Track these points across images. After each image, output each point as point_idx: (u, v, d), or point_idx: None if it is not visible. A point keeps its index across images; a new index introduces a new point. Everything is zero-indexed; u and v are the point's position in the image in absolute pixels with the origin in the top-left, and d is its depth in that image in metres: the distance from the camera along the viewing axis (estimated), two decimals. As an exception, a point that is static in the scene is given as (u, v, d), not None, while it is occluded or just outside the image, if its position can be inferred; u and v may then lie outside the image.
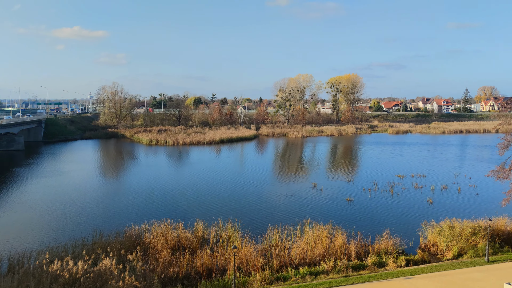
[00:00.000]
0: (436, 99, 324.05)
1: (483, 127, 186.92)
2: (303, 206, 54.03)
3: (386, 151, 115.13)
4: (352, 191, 62.17)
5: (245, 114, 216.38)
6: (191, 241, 37.27)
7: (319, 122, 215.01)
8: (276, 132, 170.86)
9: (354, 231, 40.96)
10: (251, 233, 39.89)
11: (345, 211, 51.50)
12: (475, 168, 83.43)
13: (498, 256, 35.14)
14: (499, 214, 42.52)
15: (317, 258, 34.45)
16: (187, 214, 50.03)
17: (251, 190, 63.78)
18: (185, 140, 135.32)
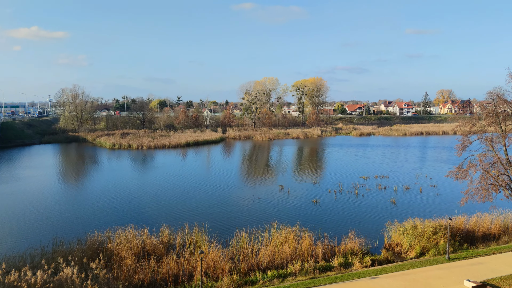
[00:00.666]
0: (397, 102, 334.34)
1: (441, 129, 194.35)
2: (270, 209, 54.09)
3: (351, 153, 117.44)
4: (319, 193, 62.89)
5: (211, 117, 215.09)
6: (157, 247, 36.43)
7: (285, 124, 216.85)
8: (243, 135, 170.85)
9: (320, 233, 41.31)
10: (218, 237, 39.47)
11: (312, 213, 51.96)
12: (435, 169, 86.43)
13: (458, 253, 36.39)
14: (458, 213, 44.17)
15: (285, 261, 34.50)
16: (152, 219, 48.94)
17: (218, 194, 63.27)
18: (149, 143, 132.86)
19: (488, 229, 41.29)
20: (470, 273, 31.42)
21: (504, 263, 33.38)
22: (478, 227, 41.20)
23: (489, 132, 32.82)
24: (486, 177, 29.89)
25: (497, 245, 38.64)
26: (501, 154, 30.52)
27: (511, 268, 32.13)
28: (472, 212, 43.60)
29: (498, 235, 40.80)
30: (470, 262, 33.92)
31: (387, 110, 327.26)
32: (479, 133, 32.51)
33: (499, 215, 42.97)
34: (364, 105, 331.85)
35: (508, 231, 41.66)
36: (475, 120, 33.16)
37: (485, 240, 39.97)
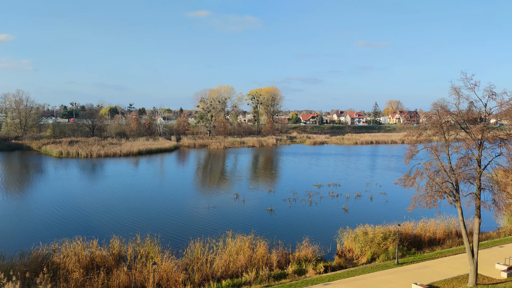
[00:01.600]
0: (349, 112, 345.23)
1: (390, 138, 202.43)
2: (225, 217, 53.68)
3: (305, 161, 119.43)
4: (273, 201, 63.26)
5: (165, 124, 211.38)
6: (107, 259, 35.01)
7: (241, 133, 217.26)
8: (198, 143, 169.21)
9: (275, 240, 41.46)
10: (171, 248, 38.53)
11: (267, 221, 52.10)
12: (384, 177, 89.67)
13: (406, 258, 37.77)
14: (407, 219, 46.02)
15: (240, 270, 34.27)
16: (102, 230, 47.03)
17: (171, 204, 61.98)
18: (99, 152, 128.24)
19: (434, 234, 43.30)
20: (418, 276, 32.65)
21: (448, 266, 35.01)
22: (425, 232, 43.10)
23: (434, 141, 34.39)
24: (431, 184, 31.26)
25: (441, 249, 40.53)
26: (445, 162, 32.10)
27: (454, 271, 33.74)
28: (419, 218, 45.56)
29: (442, 239, 42.87)
30: (418, 266, 35.28)
31: (339, 119, 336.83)
32: (425, 142, 33.99)
33: (443, 220, 45.25)
34: (318, 115, 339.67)
35: (451, 235, 43.88)
36: (421, 130, 34.67)
37: (431, 245, 41.84)
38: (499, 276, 32.73)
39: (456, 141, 33.08)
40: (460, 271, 33.53)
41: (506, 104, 31.04)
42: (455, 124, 33.41)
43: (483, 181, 31.83)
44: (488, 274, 33.08)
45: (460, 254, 37.88)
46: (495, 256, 37.15)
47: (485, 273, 33.12)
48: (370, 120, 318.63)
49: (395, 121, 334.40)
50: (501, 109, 31.71)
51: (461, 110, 33.66)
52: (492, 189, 31.58)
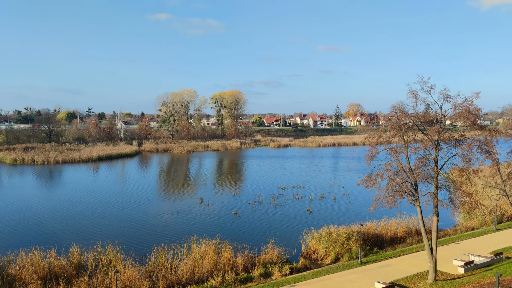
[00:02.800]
0: (311, 115, 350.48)
1: (352, 140, 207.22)
2: (190, 222, 52.97)
3: (269, 164, 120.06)
4: (238, 205, 63.08)
5: (125, 129, 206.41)
6: (66, 269, 33.67)
7: (205, 137, 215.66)
8: (160, 148, 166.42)
9: (241, 244, 41.32)
10: (134, 255, 37.55)
11: (232, 225, 51.85)
12: (346, 178, 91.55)
13: (369, 257, 38.62)
14: (369, 219, 47.12)
15: (205, 275, 33.89)
16: (60, 239, 45.19)
17: (133, 210, 60.49)
18: (57, 158, 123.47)
19: (395, 233, 44.57)
20: (380, 275, 33.44)
21: (409, 264, 36.09)
22: (386, 231, 44.28)
23: (394, 143, 35.43)
24: (392, 184, 32.15)
25: (402, 247, 41.76)
26: (404, 163, 33.12)
27: (415, 268, 34.82)
28: (380, 218, 46.78)
29: (403, 238, 44.20)
30: (380, 265, 36.15)
31: (302, 122, 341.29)
32: (385, 144, 34.94)
33: (404, 219, 46.70)
34: (281, 118, 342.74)
35: (412, 233, 45.32)
36: (381, 132, 35.64)
37: (393, 243, 43.03)
38: (457, 271, 34.08)
39: (414, 142, 34.23)
40: (420, 268, 34.64)
41: (460, 106, 32.44)
42: (413, 126, 34.56)
43: (440, 181, 33.09)
44: (447, 270, 34.36)
45: (420, 252, 39.15)
46: (452, 253, 38.67)
47: (444, 269, 34.38)
48: (332, 123, 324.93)
49: (356, 123, 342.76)
50: (455, 111, 33.09)
51: (419, 112, 34.88)
52: (449, 188, 32.87)
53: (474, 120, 32.30)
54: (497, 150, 34.81)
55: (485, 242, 42.35)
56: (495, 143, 34.12)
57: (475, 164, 33.48)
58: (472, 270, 34.17)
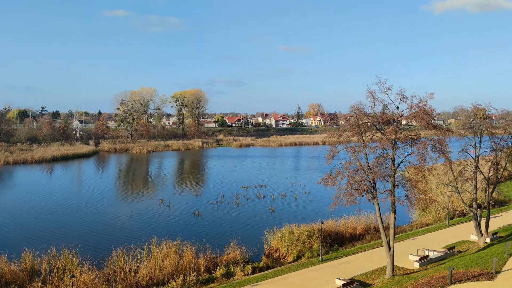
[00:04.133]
0: (273, 115, 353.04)
1: (313, 140, 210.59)
2: (150, 224, 51.85)
3: (232, 163, 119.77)
4: (200, 205, 62.44)
5: (82, 128, 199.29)
6: (18, 275, 32.03)
7: (165, 136, 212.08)
8: (119, 148, 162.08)
9: (203, 245, 40.90)
10: (92, 259, 36.22)
11: (194, 225, 51.24)
12: (308, 177, 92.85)
13: (329, 254, 39.29)
14: (329, 216, 47.96)
15: (166, 277, 33.28)
16: (11, 244, 42.92)
17: (90, 212, 58.46)
18: (7, 159, 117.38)
19: (354, 230, 45.63)
20: (341, 271, 34.09)
21: (368, 260, 37.02)
22: (346, 229, 45.26)
23: (353, 142, 36.22)
24: (351, 183, 32.83)
25: (361, 244, 42.81)
26: (363, 161, 33.94)
27: (374, 264, 35.76)
28: (341, 215, 47.73)
29: (362, 235, 45.33)
30: (340, 262, 36.86)
31: (264, 122, 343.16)
32: (345, 143, 35.64)
33: (363, 216, 47.91)
34: (243, 117, 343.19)
35: (370, 230, 46.57)
36: (341, 131, 36.35)
37: (352, 240, 44.03)
38: (413, 266, 35.30)
39: (372, 141, 35.14)
40: (378, 264, 35.60)
41: (415, 106, 33.61)
42: (371, 126, 35.48)
43: (397, 179, 34.16)
44: (403, 265, 35.52)
45: (378, 248, 40.26)
46: (408, 248, 40.04)
47: (401, 264, 35.52)
48: (293, 122, 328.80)
49: (316, 123, 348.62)
50: (411, 111, 34.25)
51: (376, 112, 35.86)
52: (405, 186, 34.00)
53: (428, 120, 33.56)
54: (449, 148, 36.34)
55: (438, 237, 44.18)
56: (448, 142, 35.63)
57: (429, 162, 34.81)
58: (427, 264, 35.52)
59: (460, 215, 54.66)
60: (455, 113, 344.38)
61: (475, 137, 43.10)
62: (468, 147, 43.28)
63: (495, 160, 43.21)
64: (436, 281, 28.93)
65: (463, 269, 32.03)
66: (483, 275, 30.19)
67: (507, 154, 44.10)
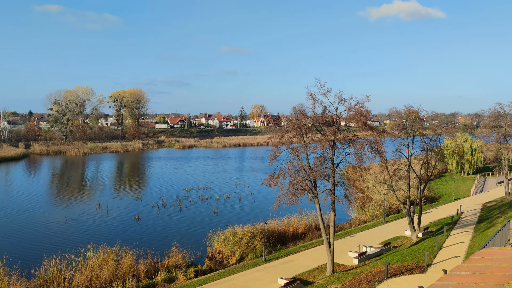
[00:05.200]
0: (217, 116, 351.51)
1: (256, 141, 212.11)
2: (86, 230, 49.29)
3: (174, 165, 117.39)
4: (141, 209, 60.43)
5: (10, 129, 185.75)
6: None
7: (103, 138, 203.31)
8: (52, 150, 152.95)
9: (143, 250, 39.55)
10: (21, 269, 33.68)
11: (134, 230, 49.46)
12: (251, 178, 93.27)
13: (273, 254, 39.61)
14: (273, 217, 48.34)
15: (104, 284, 31.82)
16: None
17: (20, 219, 54.47)
18: None
19: (297, 229, 46.42)
20: (283, 271, 34.46)
21: (309, 258, 37.76)
22: (289, 228, 45.92)
23: (295, 143, 36.85)
24: (293, 183, 33.34)
25: (303, 242, 43.63)
26: (304, 162, 34.60)
27: (315, 262, 36.54)
28: (283, 215, 48.34)
29: (304, 233, 46.22)
30: (283, 261, 37.27)
31: (207, 123, 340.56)
32: (287, 144, 36.17)
33: (305, 215, 48.91)
34: (186, 118, 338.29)
35: (312, 229, 47.59)
36: (283, 132, 36.84)
37: (295, 239, 44.74)
38: (352, 262, 36.52)
39: (313, 142, 35.95)
40: (320, 262, 36.43)
41: (352, 108, 34.82)
42: (312, 127, 36.29)
43: (336, 178, 35.18)
44: (343, 262, 36.64)
45: (320, 246, 41.22)
46: (348, 245, 41.39)
47: (341, 261, 36.61)
48: (237, 123, 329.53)
49: (260, 124, 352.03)
50: (349, 113, 35.44)
51: (317, 114, 36.74)
52: (344, 185, 35.10)
53: (365, 121, 34.92)
54: (385, 148, 38.09)
55: (376, 233, 46.14)
56: (383, 142, 37.32)
57: (366, 162, 36.24)
58: (365, 260, 36.91)
59: (395, 212, 57.53)
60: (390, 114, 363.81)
61: (408, 138, 45.57)
62: (402, 147, 45.68)
63: (426, 159, 45.97)
64: (373, 276, 30.10)
65: (398, 263, 33.64)
66: (416, 268, 31.87)
67: (436, 154, 47.08)
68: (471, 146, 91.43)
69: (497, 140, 67.12)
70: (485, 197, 65.73)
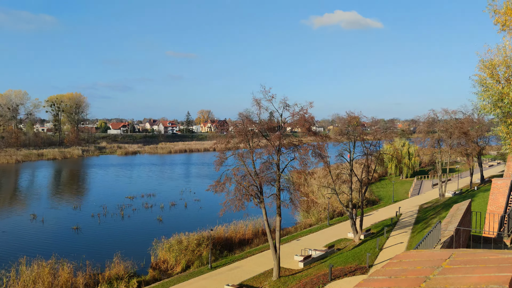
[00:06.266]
0: (162, 121, 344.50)
1: (203, 146, 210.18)
2: (19, 242, 46.01)
3: (116, 172, 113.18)
4: (80, 219, 57.47)
5: None
6: None
7: (39, 144, 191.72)
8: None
9: (82, 262, 37.53)
10: None
11: (72, 241, 46.90)
12: (198, 184, 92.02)
13: (219, 261, 39.18)
14: (219, 223, 47.92)
15: (38, 302, 29.68)
16: None
17: None
18: None
19: (244, 235, 46.32)
20: (230, 277, 34.14)
21: (256, 264, 37.75)
22: (236, 234, 45.72)
23: (241, 148, 36.87)
24: (239, 188, 33.29)
25: (250, 248, 43.60)
26: (250, 167, 34.68)
27: (261, 267, 36.57)
28: (231, 221, 48.05)
29: (251, 239, 46.22)
30: (230, 268, 36.96)
31: (152, 128, 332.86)
32: (233, 150, 36.10)
33: (252, 221, 48.92)
34: (129, 123, 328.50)
35: (259, 234, 47.70)
36: (229, 138, 36.76)
37: (241, 245, 44.59)
38: (298, 266, 36.96)
39: (259, 147, 36.16)
40: (266, 267, 36.51)
41: (297, 114, 35.51)
42: (258, 133, 36.51)
43: (282, 183, 35.62)
44: (289, 266, 36.99)
45: (266, 251, 41.35)
46: (294, 249, 41.87)
47: (287, 266, 36.92)
48: (183, 129, 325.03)
49: (207, 129, 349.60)
50: (293, 119, 36.09)
51: (263, 120, 37.04)
52: (289, 189, 35.60)
53: (308, 127, 35.73)
54: (328, 153, 39.14)
55: (320, 237, 47.14)
56: (326, 147, 38.34)
57: (310, 166, 37.05)
58: (310, 263, 37.52)
59: (339, 215, 59.21)
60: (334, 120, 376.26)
61: (350, 143, 47.17)
62: (344, 152, 47.21)
63: (367, 163, 47.81)
64: (318, 279, 30.66)
65: (342, 266, 34.55)
66: (358, 269, 32.88)
67: (376, 158, 49.11)
68: (408, 150, 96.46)
69: (432, 145, 71.47)
70: (421, 199, 69.52)
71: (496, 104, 17.30)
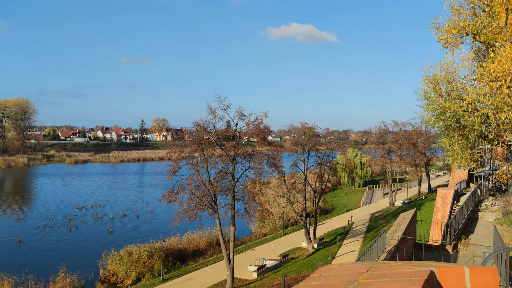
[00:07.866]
0: (115, 129, 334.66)
1: (158, 155, 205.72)
2: (-47, 258, 42.72)
3: (64, 182, 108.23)
4: (23, 231, 54.24)
5: None
6: None
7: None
8: None
9: (25, 276, 35.36)
10: None
11: (14, 255, 44.16)
12: (151, 194, 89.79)
13: (171, 273, 38.25)
14: (173, 234, 46.86)
15: (-28, 322, 27.57)
16: None
17: None
18: None
19: (197, 246, 45.57)
20: (182, 290, 33.40)
21: (209, 275, 37.20)
22: (189, 245, 44.88)
23: (196, 157, 36.43)
24: (193, 198, 32.82)
25: (204, 259, 42.93)
26: (205, 177, 34.31)
27: (215, 278, 36.08)
28: (184, 232, 47.13)
29: (205, 250, 45.54)
30: (182, 279, 36.17)
31: (104, 136, 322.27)
32: (188, 159, 35.59)
33: (206, 231, 48.28)
34: (80, 131, 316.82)
35: (213, 245, 47.09)
36: (183, 147, 36.23)
37: (195, 256, 43.82)
38: (252, 276, 36.81)
39: (214, 157, 35.88)
40: (220, 278, 36.04)
41: (252, 124, 35.68)
42: (213, 142, 36.29)
43: (237, 193, 35.47)
44: (243, 276, 36.75)
45: (220, 262, 40.85)
46: (248, 259, 41.67)
47: (241, 276, 36.66)
48: (137, 137, 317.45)
49: (162, 138, 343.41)
50: (248, 128, 36.20)
51: (218, 129, 36.87)
52: (244, 199, 35.50)
53: (263, 136, 35.96)
54: (282, 163, 39.56)
55: (275, 246, 47.30)
56: (281, 157, 38.73)
57: (266, 176, 37.21)
58: (264, 273, 37.49)
59: (294, 224, 59.74)
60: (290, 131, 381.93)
61: (304, 153, 47.95)
62: (299, 161, 47.89)
63: (320, 173, 48.73)
64: (271, 289, 30.65)
65: (295, 275, 34.78)
66: (311, 278, 33.21)
67: (329, 168, 50.18)
68: (360, 161, 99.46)
69: (382, 155, 74.12)
70: (373, 208, 71.71)
71: (439, 117, 18.14)
